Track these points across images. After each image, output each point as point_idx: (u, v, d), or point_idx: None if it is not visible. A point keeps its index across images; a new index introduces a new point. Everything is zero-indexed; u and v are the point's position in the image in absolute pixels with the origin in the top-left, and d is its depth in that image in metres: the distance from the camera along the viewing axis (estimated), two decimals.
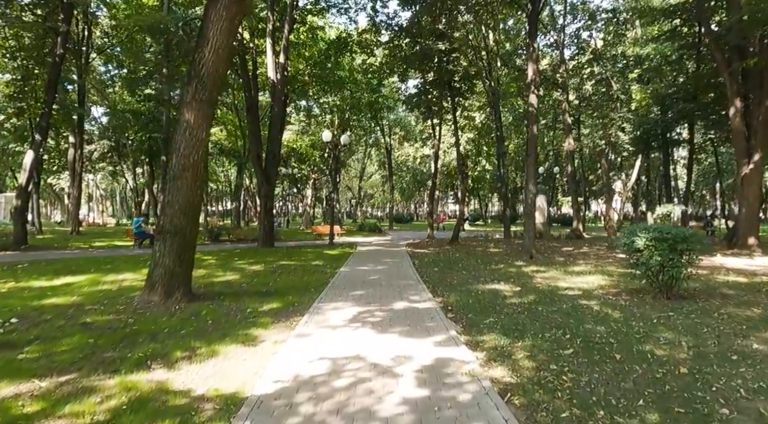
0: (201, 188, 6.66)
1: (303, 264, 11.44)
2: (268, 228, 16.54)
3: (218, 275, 9.27)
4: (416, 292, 7.62)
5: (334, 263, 11.64)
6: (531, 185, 12.94)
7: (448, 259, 13.22)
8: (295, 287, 8.03)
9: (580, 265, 11.63)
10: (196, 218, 6.62)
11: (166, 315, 5.62)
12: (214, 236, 19.71)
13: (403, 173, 61.09)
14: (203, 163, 6.64)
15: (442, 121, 22.39)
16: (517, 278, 9.48)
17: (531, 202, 12.97)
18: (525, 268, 11.05)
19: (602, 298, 7.17)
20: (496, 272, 10.32)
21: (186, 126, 6.45)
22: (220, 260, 12.22)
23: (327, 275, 9.52)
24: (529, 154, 12.97)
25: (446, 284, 8.72)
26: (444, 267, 11.32)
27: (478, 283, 8.80)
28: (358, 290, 7.65)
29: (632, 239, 6.88)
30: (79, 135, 23.83)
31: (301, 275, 9.47)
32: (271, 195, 16.88)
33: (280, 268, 10.60)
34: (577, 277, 9.55)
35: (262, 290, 7.59)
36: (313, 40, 23.84)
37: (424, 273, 10.23)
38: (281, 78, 16.28)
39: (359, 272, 10.15)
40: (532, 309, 6.40)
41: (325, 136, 18.30)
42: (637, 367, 3.98)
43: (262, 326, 5.21)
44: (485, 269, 10.87)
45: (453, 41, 17.84)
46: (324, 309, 6.13)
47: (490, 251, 15.74)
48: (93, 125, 42.07)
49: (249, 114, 15.86)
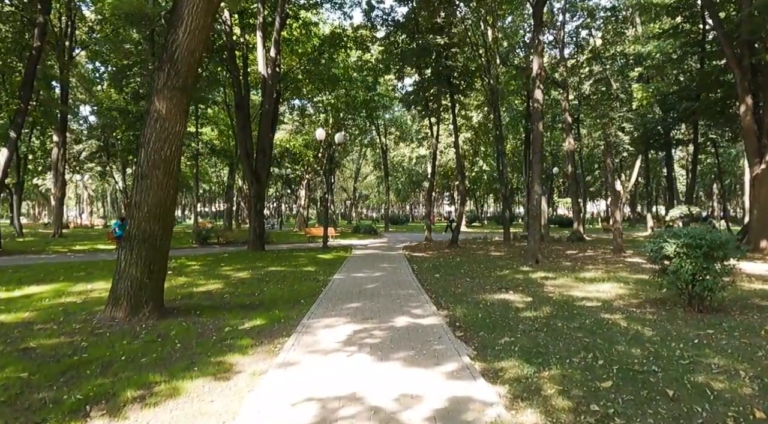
0: (174, 188, 5.84)
1: (294, 270, 10.62)
2: (258, 231, 15.71)
3: (199, 284, 8.43)
4: (418, 303, 6.84)
5: (327, 269, 10.84)
6: (536, 186, 12.21)
7: (448, 264, 12.46)
8: (284, 298, 7.23)
9: (590, 270, 10.92)
10: (169, 222, 5.80)
11: (128, 337, 4.79)
12: (202, 239, 18.85)
13: (399, 174, 60.38)
14: (177, 159, 5.83)
15: (440, 120, 21.65)
16: (525, 285, 8.74)
17: (536, 204, 12.25)
18: (532, 274, 10.32)
19: (626, 311, 6.43)
20: (502, 279, 9.58)
21: (156, 117, 5.63)
22: (205, 265, 11.37)
23: (319, 284, 8.72)
24: (534, 153, 12.25)
25: (450, 293, 7.95)
26: (445, 273, 10.55)
27: (485, 292, 8.05)
28: (353, 302, 6.85)
29: (660, 245, 6.15)
30: (62, 134, 22.85)
31: (291, 284, 8.66)
32: (261, 196, 16.05)
33: (268, 275, 9.78)
34: (590, 285, 8.82)
35: (245, 303, 6.78)
36: (306, 36, 23.04)
37: (424, 280, 9.46)
38: (272, 73, 15.46)
39: (355, 279, 9.36)
40: (550, 325, 5.65)
41: (319, 134, 17.52)
42: (698, 408, 3.22)
43: (240, 351, 4.41)
44: (490, 276, 10.12)
45: (452, 35, 17.12)
46: (314, 327, 5.34)
47: (492, 255, 15.02)
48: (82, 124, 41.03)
49: (238, 111, 15.03)
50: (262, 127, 15.70)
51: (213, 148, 32.83)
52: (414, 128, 40.94)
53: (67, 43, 22.19)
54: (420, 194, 77.26)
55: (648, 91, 25.62)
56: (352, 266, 11.62)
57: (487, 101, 24.04)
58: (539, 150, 12.18)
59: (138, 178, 5.64)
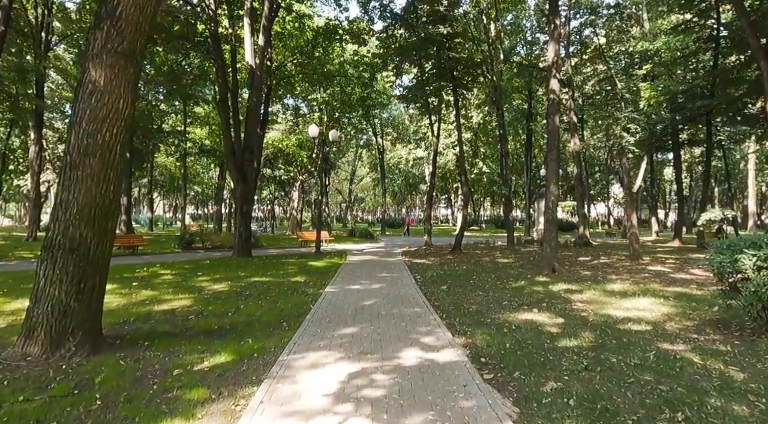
0: (117, 184, 4.51)
1: (280, 281, 9.28)
2: (244, 235, 14.35)
3: (164, 300, 7.07)
4: (428, 327, 5.54)
5: (318, 280, 9.51)
6: (552, 186, 10.97)
7: (454, 272, 11.17)
8: (262, 319, 5.89)
9: (614, 281, 9.67)
10: (108, 226, 4.46)
11: (31, 387, 3.44)
12: (185, 244, 17.45)
13: (395, 176, 59.12)
14: (120, 146, 4.50)
15: (440, 119, 20.45)
16: (550, 301, 7.46)
17: (552, 206, 11.00)
18: (552, 286, 9.05)
19: (687, 339, 5.15)
20: (519, 292, 8.30)
21: (91, 89, 4.31)
22: (179, 275, 10.00)
23: (308, 299, 7.38)
24: (549, 150, 11.01)
25: (463, 311, 6.66)
26: (453, 285, 9.26)
27: (504, 310, 6.76)
28: (347, 327, 5.53)
29: (735, 257, 4.89)
30: (39, 130, 21.36)
31: (275, 299, 7.31)
32: (249, 197, 14.70)
33: (250, 287, 8.43)
34: (624, 300, 7.56)
35: (213, 327, 5.44)
36: (299, 29, 21.77)
37: (431, 294, 8.16)
38: (261, 63, 14.16)
39: (350, 293, 8.03)
40: (602, 361, 4.36)
41: (312, 130, 16.21)
42: None
43: (184, 414, 3.08)
44: (505, 288, 8.84)
45: (455, 25, 15.90)
46: (295, 368, 4.01)
47: (499, 262, 13.76)
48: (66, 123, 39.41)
49: (222, 104, 13.69)
50: (249, 123, 14.38)
51: (202, 148, 31.40)
52: (412, 129, 39.73)
53: (43, 33, 20.74)
54: (417, 197, 76.13)
55: (656, 89, 24.51)
56: (347, 276, 10.30)
57: (489, 99, 22.88)
58: (556, 147, 10.94)
59: (66, 168, 4.31)
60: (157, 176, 48.73)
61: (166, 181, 49.90)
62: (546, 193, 11.18)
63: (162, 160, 44.14)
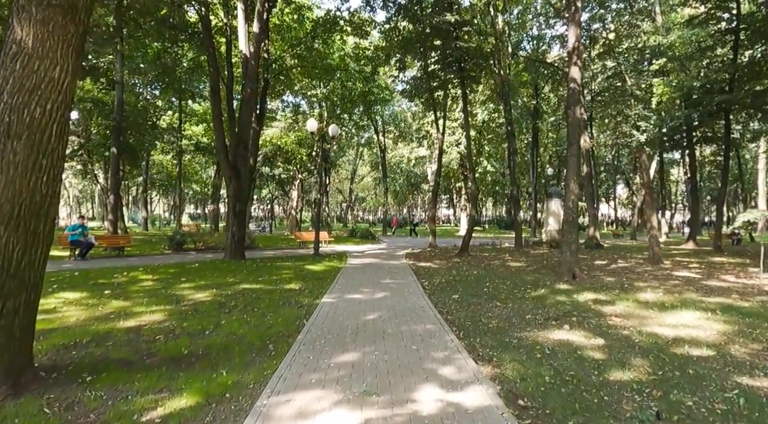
0: (52, 176, 3.53)
1: (272, 289, 8.29)
2: (237, 235, 13.38)
3: (134, 313, 6.09)
4: (445, 352, 4.55)
5: (315, 287, 8.53)
6: (573, 184, 9.98)
7: (464, 278, 10.18)
8: (245, 340, 4.91)
9: (644, 290, 8.69)
10: (39, 230, 3.47)
11: None
12: (176, 245, 16.47)
13: (397, 176, 58.10)
14: (59, 126, 3.52)
15: (446, 114, 19.45)
16: (580, 315, 6.47)
17: (572, 206, 10.01)
18: (577, 295, 8.07)
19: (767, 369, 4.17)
20: (542, 303, 7.31)
21: (15, 51, 3.33)
22: (161, 280, 9.02)
23: (302, 312, 6.40)
24: (570, 144, 10.01)
25: (484, 328, 5.68)
26: (466, 293, 8.28)
27: (530, 326, 5.79)
28: (347, 352, 4.54)
29: None
30: None
31: (263, 312, 6.33)
32: (243, 195, 13.72)
33: (236, 297, 7.45)
34: (665, 314, 6.58)
35: (182, 352, 4.45)
36: (298, 22, 20.81)
37: (442, 305, 7.18)
38: (255, 51, 13.18)
39: (350, 304, 7.05)
40: (674, 404, 3.38)
41: (310, 125, 15.26)
42: None
43: None
44: (524, 297, 7.86)
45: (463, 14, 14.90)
46: (277, 420, 3.03)
47: (511, 266, 12.76)
48: None
49: (213, 93, 12.70)
50: (243, 115, 13.40)
51: (198, 145, 30.42)
52: (414, 126, 38.72)
53: None
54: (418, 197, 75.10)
55: (670, 85, 23.49)
56: (347, 282, 9.31)
57: (497, 94, 21.90)
58: (576, 141, 9.95)
59: None
60: (155, 175, 47.80)
61: (164, 179, 48.90)
62: (565, 192, 10.19)
63: (159, 158, 43.20)
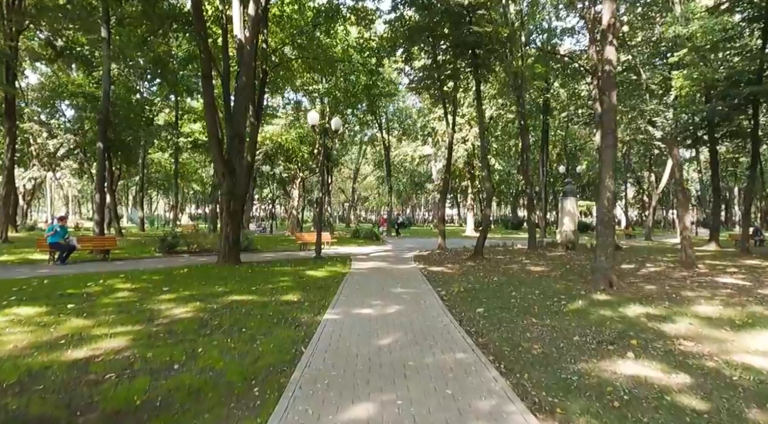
0: None
1: (266, 301, 7.12)
2: (232, 238, 12.22)
3: (92, 336, 4.92)
4: (490, 399, 3.35)
5: (316, 299, 7.35)
6: (608, 180, 8.78)
7: (484, 286, 8.99)
8: (221, 380, 3.73)
9: (696, 301, 7.50)
10: None
11: None
12: (167, 247, 15.33)
13: (400, 175, 56.89)
14: None
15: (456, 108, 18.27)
16: (637, 335, 5.29)
17: (607, 204, 8.80)
18: (622, 308, 6.88)
19: None
20: (584, 319, 6.13)
21: None
22: (139, 290, 7.85)
23: (300, 334, 5.22)
24: (605, 134, 8.79)
25: (526, 356, 4.51)
26: (491, 304, 7.11)
27: (583, 352, 4.63)
28: (358, 402, 3.34)
29: None
30: (10, 120, 19.29)
31: (252, 335, 5.15)
32: (238, 193, 12.55)
33: (222, 312, 6.28)
34: (743, 335, 5.40)
35: (133, 401, 3.26)
36: (299, 11, 19.64)
37: (468, 321, 6.01)
38: (251, 36, 12.01)
39: (357, 322, 5.87)
40: None
41: (311, 117, 14.10)
42: None
43: None
44: (560, 311, 6.69)
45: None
46: None
47: (532, 271, 11.55)
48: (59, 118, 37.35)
49: (205, 80, 11.51)
50: (238, 105, 12.24)
51: (196, 143, 29.30)
52: (419, 123, 37.52)
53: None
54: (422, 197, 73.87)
55: (691, 78, 22.23)
56: (353, 292, 8.14)
57: (509, 87, 20.66)
58: (612, 131, 8.73)
59: None
60: (153, 173, 46.81)
61: (163, 178, 47.84)
62: (600, 189, 8.99)
63: (158, 156, 42.17)
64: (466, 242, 23.52)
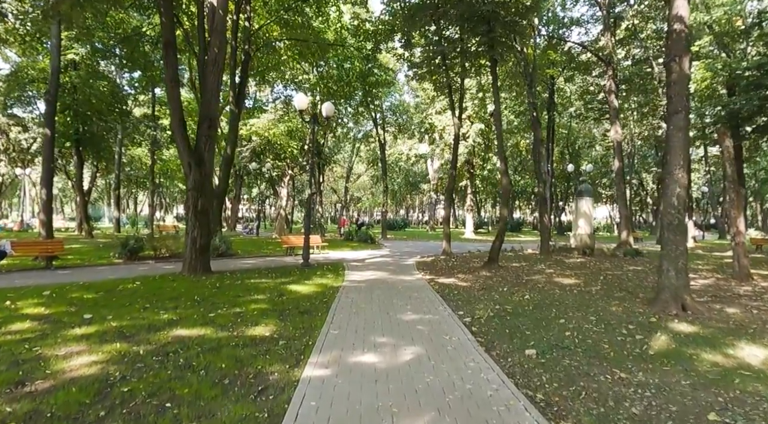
0: None
1: (224, 338, 4.96)
2: (199, 242, 10.03)
3: None
4: None
5: (296, 335, 5.20)
6: (679, 171, 6.76)
7: (516, 306, 6.90)
8: None
9: None
10: None
11: None
12: (129, 252, 13.04)
13: (395, 175, 54.80)
14: None
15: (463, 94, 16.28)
16: (757, 406, 3.23)
17: (677, 205, 6.77)
18: (727, 347, 4.85)
19: None
20: (691, 369, 4.07)
21: None
22: (52, 319, 5.64)
23: (262, 417, 3.09)
24: (674, 112, 6.76)
25: None
26: (542, 342, 5.03)
27: None
28: None
29: None
30: None
31: (176, 420, 3.01)
32: (205, 188, 10.35)
33: (149, 363, 4.11)
34: None
35: None
36: None
37: (522, 375, 3.91)
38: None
39: (355, 386, 3.74)
40: None
41: (299, 101, 11.96)
42: None
43: None
44: (642, 352, 4.65)
45: None
46: None
47: (564, 284, 9.50)
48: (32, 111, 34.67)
49: (165, 49, 9.29)
50: (208, 81, 10.06)
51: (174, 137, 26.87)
52: (416, 119, 35.47)
53: None
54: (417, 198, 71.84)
55: (713, 69, 20.46)
56: (348, 322, 6.00)
57: (520, 74, 18.71)
58: (684, 108, 6.73)
59: None
60: (134, 171, 44.24)
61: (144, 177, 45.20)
62: (667, 184, 6.96)
63: (139, 152, 39.64)
64: (468, 246, 21.51)
